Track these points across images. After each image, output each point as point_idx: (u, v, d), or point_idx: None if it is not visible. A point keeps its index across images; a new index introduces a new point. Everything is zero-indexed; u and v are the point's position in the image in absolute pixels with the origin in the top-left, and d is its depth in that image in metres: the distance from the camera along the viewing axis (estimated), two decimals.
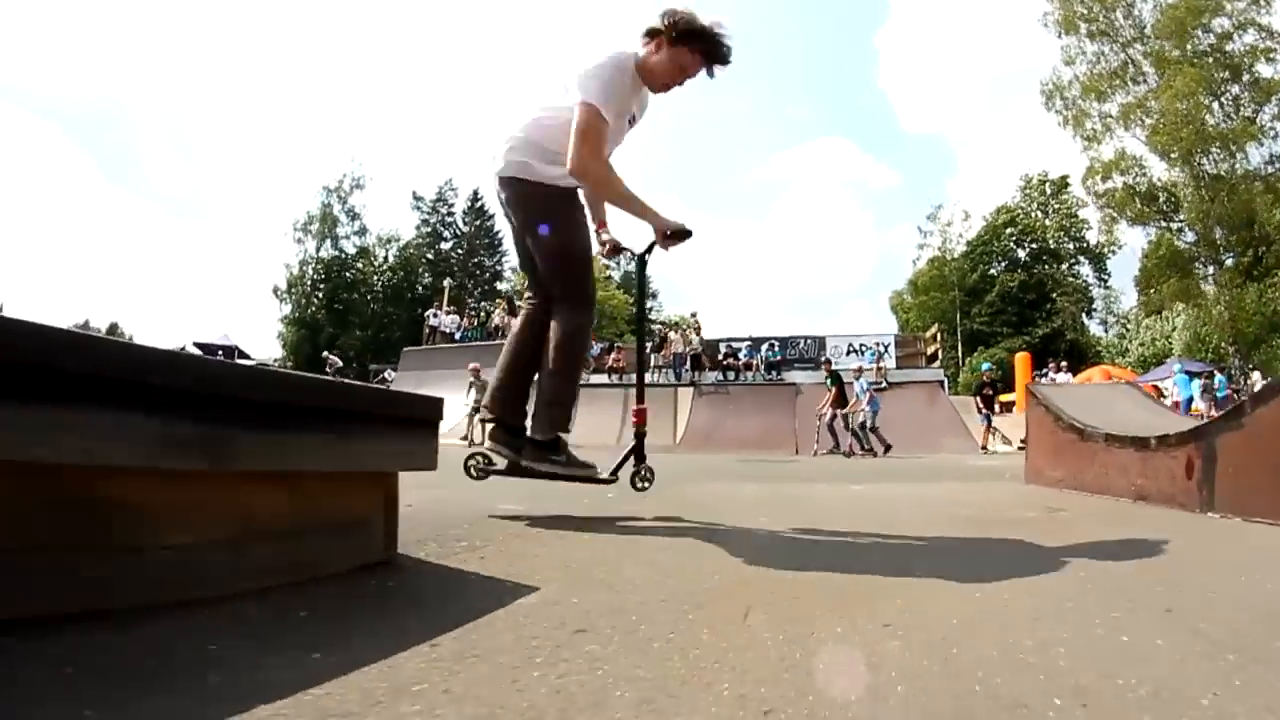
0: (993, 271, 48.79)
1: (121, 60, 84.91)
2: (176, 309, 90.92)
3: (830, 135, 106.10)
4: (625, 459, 3.29)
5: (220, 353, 35.20)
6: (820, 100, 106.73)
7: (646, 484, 3.34)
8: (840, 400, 14.93)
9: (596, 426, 18.96)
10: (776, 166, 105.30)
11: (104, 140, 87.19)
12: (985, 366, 14.50)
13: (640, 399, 3.50)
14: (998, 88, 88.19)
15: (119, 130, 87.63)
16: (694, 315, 22.48)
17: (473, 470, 3.20)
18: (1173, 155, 27.27)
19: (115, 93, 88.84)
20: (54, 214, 79.71)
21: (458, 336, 27.82)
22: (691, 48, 2.71)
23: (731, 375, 21.11)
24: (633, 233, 3.18)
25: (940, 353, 19.73)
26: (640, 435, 3.34)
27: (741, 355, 19.75)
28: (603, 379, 21.55)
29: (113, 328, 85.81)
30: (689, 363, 20.94)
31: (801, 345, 21.53)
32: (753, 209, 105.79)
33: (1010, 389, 33.94)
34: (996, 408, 15.39)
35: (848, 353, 20.70)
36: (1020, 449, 13.44)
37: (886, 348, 19.70)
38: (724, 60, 2.79)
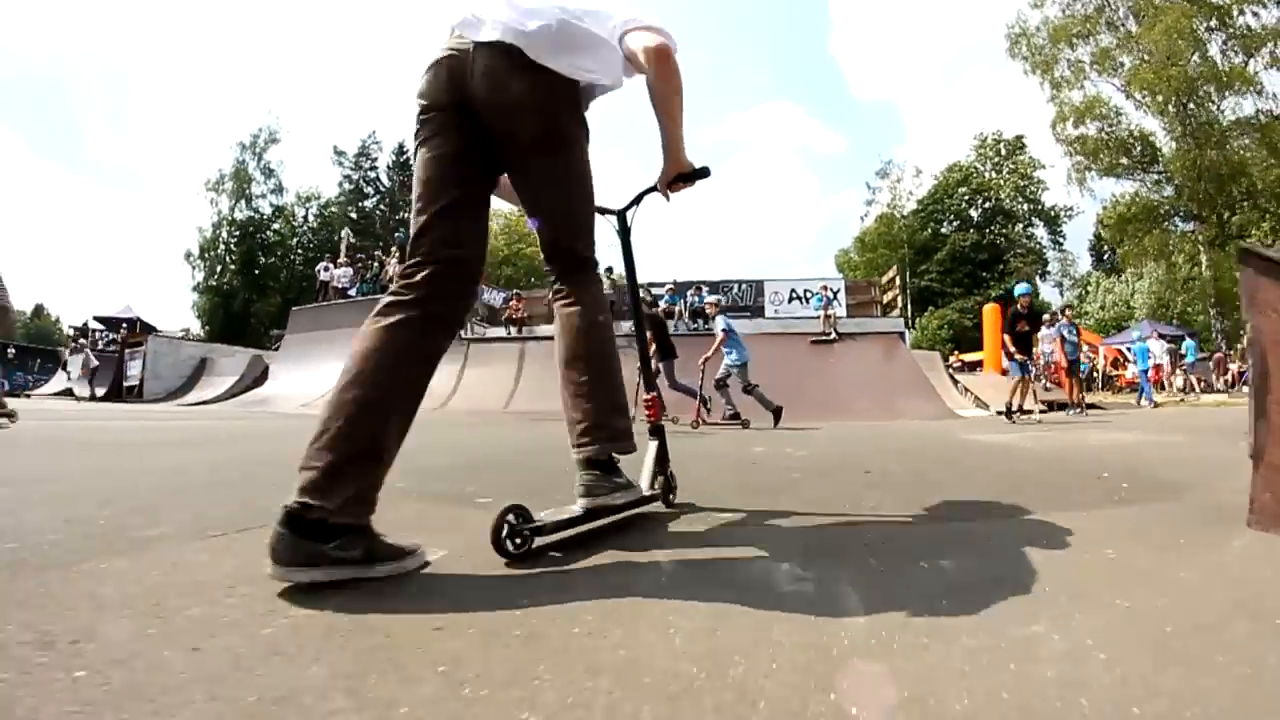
0: (944, 230, 45.67)
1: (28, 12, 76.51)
2: (99, 283, 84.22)
3: (781, 100, 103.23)
4: (656, 466, 2.29)
5: (124, 326, 31.03)
6: (773, 65, 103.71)
7: (673, 496, 2.38)
8: (664, 350, 9.91)
9: (493, 385, 15.41)
10: (728, 128, 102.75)
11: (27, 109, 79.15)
12: (1021, 290, 10.38)
13: (650, 385, 2.45)
14: (949, 58, 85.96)
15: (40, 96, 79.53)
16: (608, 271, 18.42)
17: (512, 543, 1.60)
18: (1158, 98, 24.10)
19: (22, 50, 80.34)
20: None
21: (352, 292, 23.76)
22: None
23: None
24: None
25: (900, 301, 16.30)
26: (660, 433, 2.35)
27: (662, 302, 15.99)
28: (499, 332, 17.68)
29: (38, 310, 79.47)
30: None
31: (735, 291, 17.66)
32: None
33: (976, 347, 31.30)
34: (1034, 351, 11.06)
35: (790, 299, 17.13)
36: (1020, 415, 10.11)
37: (836, 294, 16.17)
38: None
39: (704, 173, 2.10)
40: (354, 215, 50.99)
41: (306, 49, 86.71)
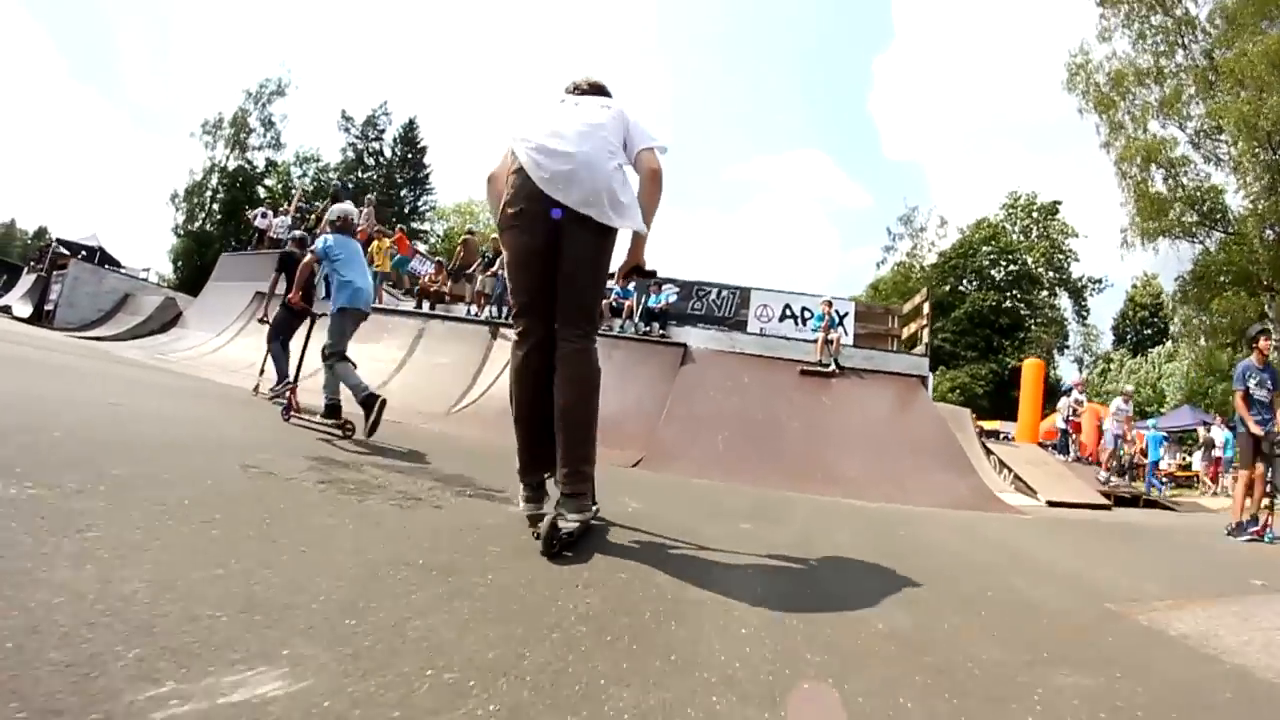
0: (964, 288, 41.60)
1: None
2: (88, 211, 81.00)
3: (812, 148, 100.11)
4: None
5: (82, 253, 28.13)
6: (810, 112, 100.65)
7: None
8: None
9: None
10: (755, 167, 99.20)
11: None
12: (1257, 329, 6.56)
13: None
14: (981, 130, 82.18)
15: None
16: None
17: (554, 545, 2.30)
18: (1238, 144, 20.03)
19: None
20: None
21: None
22: None
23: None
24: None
25: (926, 337, 12.13)
26: None
27: (613, 293, 11.83)
28: (409, 304, 13.66)
29: (40, 232, 76.13)
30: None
31: (712, 296, 13.51)
32: (723, 203, 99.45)
33: (990, 415, 27.14)
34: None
35: (781, 316, 13.00)
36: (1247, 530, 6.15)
37: (843, 318, 12.15)
38: None
39: (652, 274, 2.92)
40: (348, 183, 47.34)
41: (331, 5, 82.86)
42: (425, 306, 13.11)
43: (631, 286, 11.79)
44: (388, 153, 50.42)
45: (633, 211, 2.55)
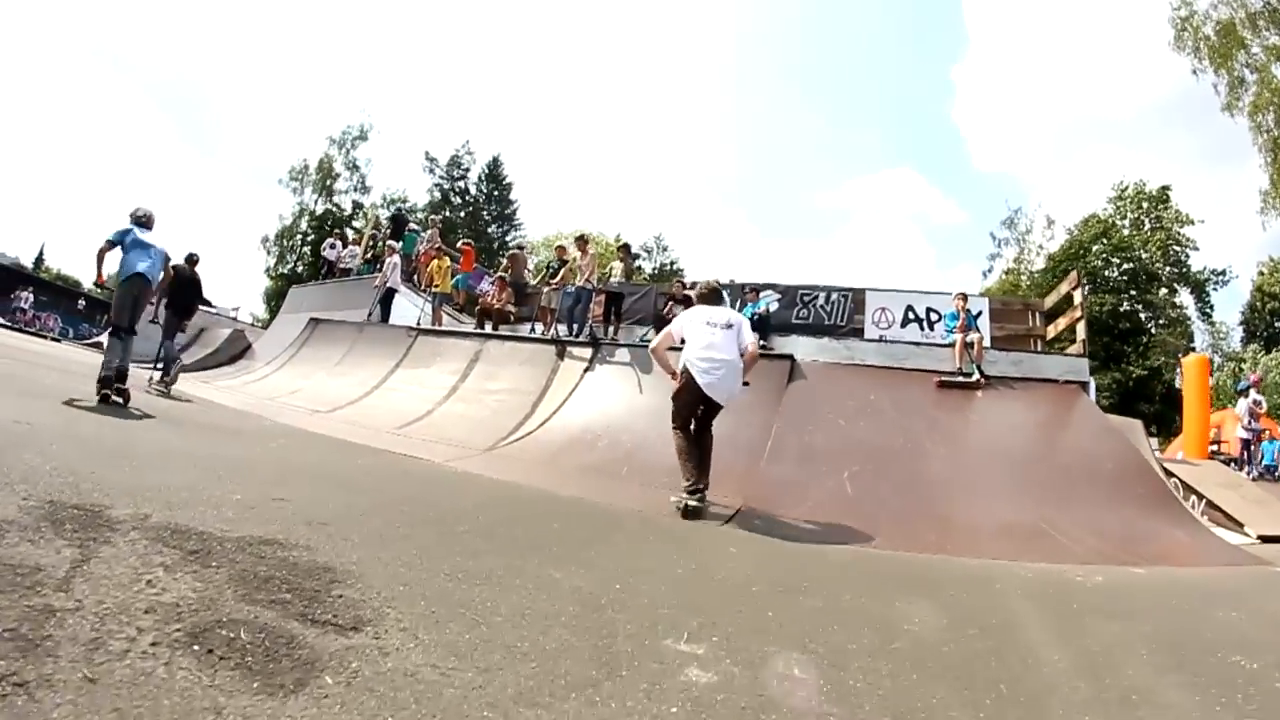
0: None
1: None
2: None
3: (900, 166, 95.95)
4: None
5: None
6: (895, 130, 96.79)
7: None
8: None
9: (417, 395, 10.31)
10: (844, 193, 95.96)
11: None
12: None
13: None
14: (1071, 130, 76.26)
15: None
16: (620, 241, 12.10)
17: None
18: None
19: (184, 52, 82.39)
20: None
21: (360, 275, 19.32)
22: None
23: None
24: None
25: (1081, 331, 9.57)
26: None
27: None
28: (455, 324, 12.12)
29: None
30: (588, 305, 10.35)
31: (820, 301, 11.33)
32: (815, 232, 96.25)
33: (1163, 425, 23.39)
34: None
35: (905, 320, 10.79)
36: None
37: (977, 316, 9.82)
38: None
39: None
40: (410, 211, 47.54)
41: (409, 52, 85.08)
42: (488, 328, 11.57)
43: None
44: (473, 190, 50.35)
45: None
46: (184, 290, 9.46)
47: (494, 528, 3.67)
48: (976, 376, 8.31)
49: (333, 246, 20.29)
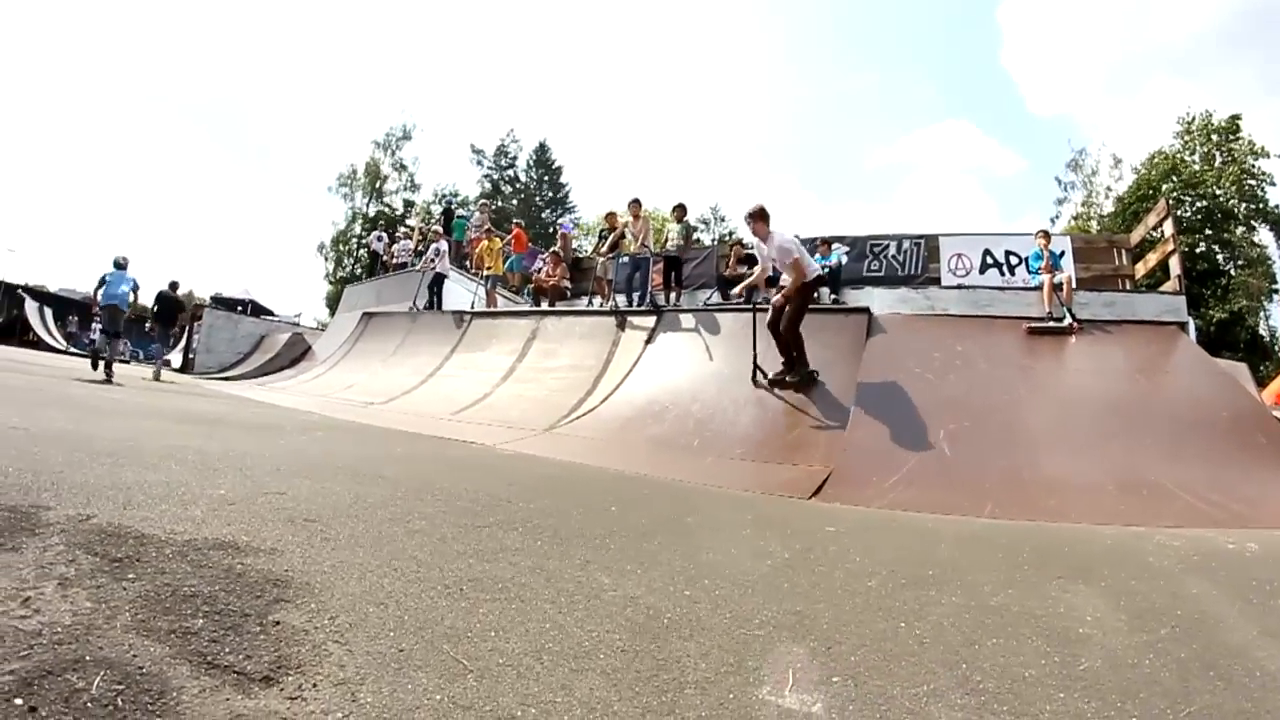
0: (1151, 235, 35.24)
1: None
2: (244, 270, 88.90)
3: (956, 118, 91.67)
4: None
5: (238, 307, 30.06)
6: (945, 82, 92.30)
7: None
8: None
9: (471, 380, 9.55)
10: (898, 150, 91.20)
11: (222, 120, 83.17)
12: None
13: None
14: (1126, 64, 71.46)
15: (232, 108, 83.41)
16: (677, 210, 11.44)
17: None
18: None
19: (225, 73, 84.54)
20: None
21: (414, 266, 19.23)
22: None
23: (740, 296, 8.17)
24: None
25: (1175, 266, 8.57)
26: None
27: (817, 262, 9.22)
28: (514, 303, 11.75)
29: (173, 286, 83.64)
30: (648, 273, 9.56)
31: (892, 251, 10.38)
32: (870, 193, 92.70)
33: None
34: None
35: (983, 266, 9.89)
36: None
37: (1061, 255, 8.91)
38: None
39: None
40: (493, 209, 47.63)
41: (445, 47, 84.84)
42: (544, 306, 11.21)
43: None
44: (523, 178, 50.14)
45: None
46: (167, 307, 14.16)
47: (532, 517, 3.04)
48: (1069, 321, 7.51)
49: (380, 238, 20.22)
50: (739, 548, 2.84)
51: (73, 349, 27.01)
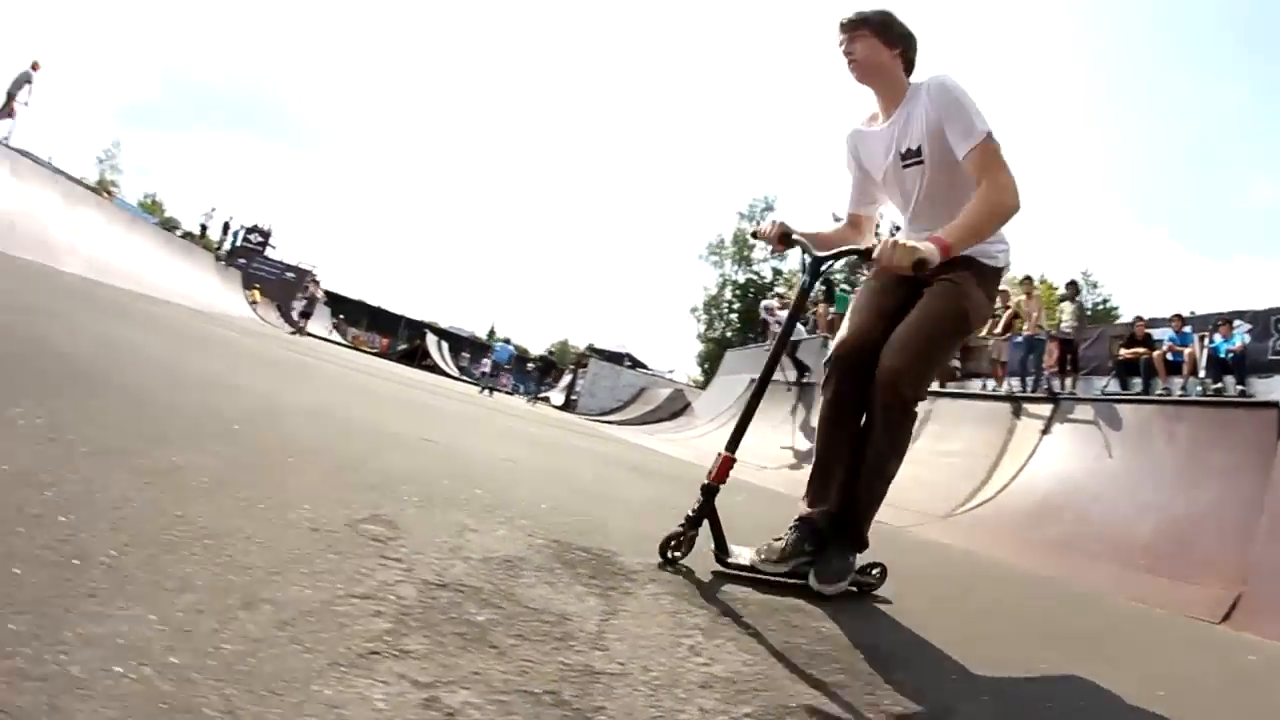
0: None
1: None
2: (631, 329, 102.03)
3: None
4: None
5: (624, 360, 36.11)
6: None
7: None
8: None
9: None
10: None
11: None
12: None
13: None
14: None
15: None
16: (1070, 286, 10.79)
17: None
18: None
19: None
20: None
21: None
22: None
23: (1137, 382, 8.93)
24: None
25: None
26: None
27: (1164, 341, 8.88)
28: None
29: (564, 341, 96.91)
30: (1041, 355, 9.51)
31: None
32: (1261, 242, 70.03)
33: None
34: None
35: None
36: None
37: None
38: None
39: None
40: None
41: (808, 120, 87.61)
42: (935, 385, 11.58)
43: (1188, 330, 8.59)
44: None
45: None
46: (546, 363, 16.43)
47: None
48: None
49: (769, 310, 22.13)
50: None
51: (465, 378, 32.58)
